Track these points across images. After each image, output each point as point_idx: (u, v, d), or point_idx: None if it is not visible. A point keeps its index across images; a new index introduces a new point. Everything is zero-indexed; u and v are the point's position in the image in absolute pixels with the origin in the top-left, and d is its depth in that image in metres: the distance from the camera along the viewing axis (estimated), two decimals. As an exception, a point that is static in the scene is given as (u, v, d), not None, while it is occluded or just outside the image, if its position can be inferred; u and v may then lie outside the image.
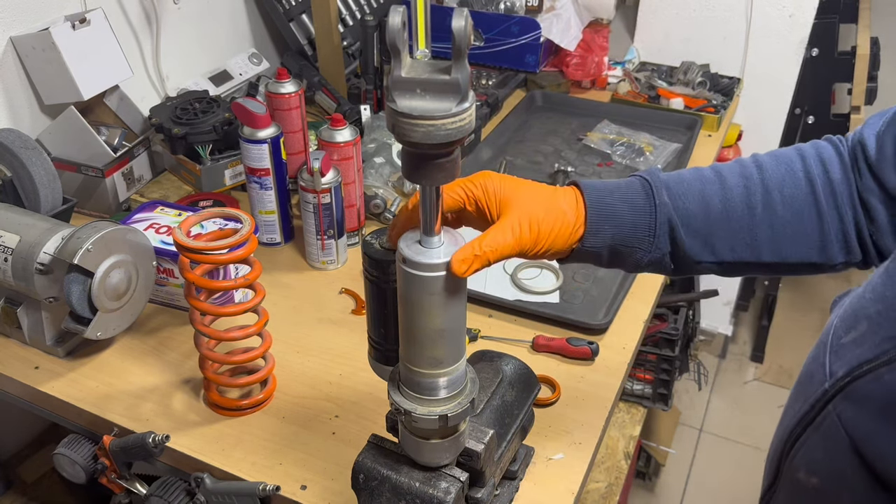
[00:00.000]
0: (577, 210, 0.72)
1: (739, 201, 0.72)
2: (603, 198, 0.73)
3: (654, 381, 1.87)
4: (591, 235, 0.72)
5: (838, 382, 0.52)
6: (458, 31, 0.53)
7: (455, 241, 0.63)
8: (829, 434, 0.53)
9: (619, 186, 0.74)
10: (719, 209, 0.72)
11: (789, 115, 2.07)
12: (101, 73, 1.36)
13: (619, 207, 0.73)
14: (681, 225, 0.72)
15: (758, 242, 0.72)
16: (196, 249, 0.88)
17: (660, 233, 0.72)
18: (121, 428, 0.97)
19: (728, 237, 0.72)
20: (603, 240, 0.72)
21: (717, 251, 0.73)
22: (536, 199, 0.70)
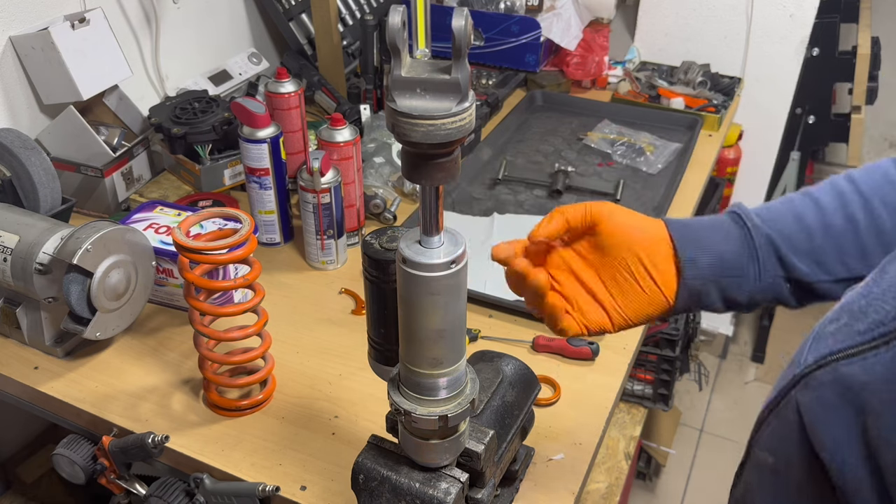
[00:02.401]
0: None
1: (837, 214, 0.69)
2: (687, 226, 0.72)
3: (655, 382, 1.86)
4: (689, 267, 0.70)
5: (806, 370, 0.54)
6: (458, 31, 0.53)
7: (455, 241, 0.63)
8: (786, 418, 0.54)
9: (701, 220, 0.73)
10: (817, 224, 0.70)
11: (790, 115, 2.07)
12: (100, 72, 1.36)
13: (706, 232, 0.71)
14: (783, 245, 0.69)
15: (868, 254, 0.68)
16: (195, 249, 0.88)
17: (763, 255, 0.70)
18: (120, 428, 0.97)
19: (835, 252, 0.69)
20: (702, 270, 0.70)
21: (830, 268, 0.69)
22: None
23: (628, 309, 0.71)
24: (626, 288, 0.71)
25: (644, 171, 1.59)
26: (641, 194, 1.52)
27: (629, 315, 0.71)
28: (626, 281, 0.71)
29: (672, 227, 0.71)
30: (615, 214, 0.71)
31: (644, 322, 0.72)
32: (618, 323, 0.72)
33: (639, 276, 0.70)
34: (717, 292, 0.70)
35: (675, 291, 0.70)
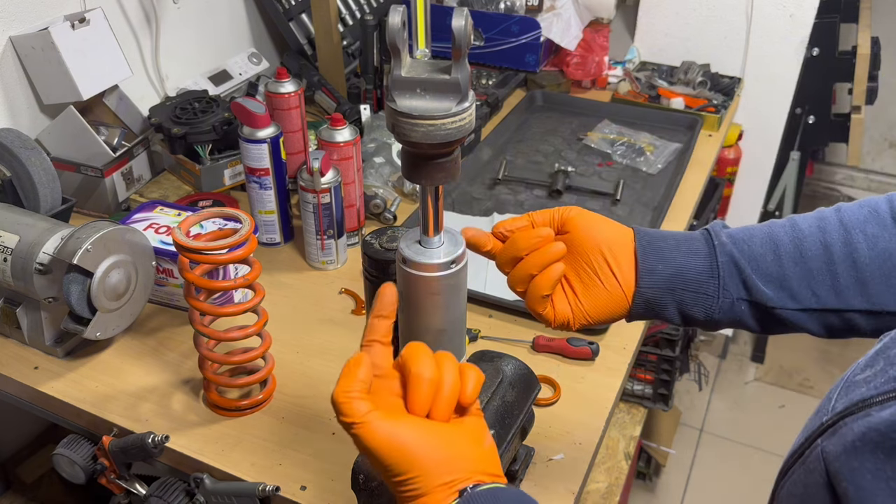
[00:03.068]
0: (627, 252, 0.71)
1: (813, 240, 0.67)
2: (654, 237, 0.71)
3: (655, 382, 1.86)
4: (646, 276, 0.69)
5: (834, 417, 0.51)
6: (458, 31, 0.53)
7: (455, 241, 0.63)
8: (811, 467, 0.52)
9: (674, 233, 0.73)
10: (790, 248, 0.68)
11: (790, 115, 2.06)
12: (100, 72, 1.36)
13: (672, 245, 0.70)
14: (748, 266, 0.68)
15: (840, 286, 0.66)
16: (195, 249, 0.88)
17: (724, 274, 0.68)
18: (120, 428, 0.97)
19: (806, 279, 0.67)
20: (658, 280, 0.69)
21: (798, 296, 0.67)
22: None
23: (590, 306, 0.71)
24: (589, 285, 0.71)
25: (644, 171, 1.59)
26: (641, 194, 1.52)
27: (590, 312, 0.71)
28: (590, 278, 0.71)
29: (638, 236, 0.71)
30: (585, 216, 0.72)
31: (604, 321, 0.72)
32: (578, 319, 0.71)
33: (602, 275, 0.70)
34: (674, 305, 0.70)
35: (633, 295, 0.70)
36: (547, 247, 0.69)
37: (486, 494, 0.54)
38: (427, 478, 0.53)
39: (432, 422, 0.55)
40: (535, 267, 0.69)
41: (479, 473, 0.55)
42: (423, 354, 0.56)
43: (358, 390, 0.53)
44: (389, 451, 0.53)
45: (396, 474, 0.53)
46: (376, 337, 0.59)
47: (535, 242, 0.69)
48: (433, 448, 0.54)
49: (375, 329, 0.59)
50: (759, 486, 2.23)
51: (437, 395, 0.55)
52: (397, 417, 0.54)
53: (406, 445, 0.53)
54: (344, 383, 0.54)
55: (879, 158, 3.34)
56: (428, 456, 0.53)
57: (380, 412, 0.53)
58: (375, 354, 0.58)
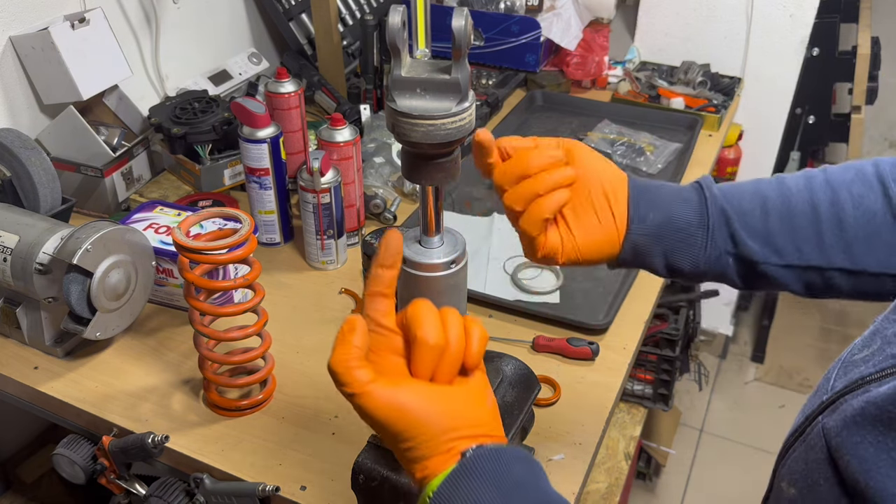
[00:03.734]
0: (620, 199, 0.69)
1: (800, 198, 0.68)
2: (647, 185, 0.71)
3: (655, 382, 1.86)
4: (637, 221, 0.69)
5: (834, 395, 0.53)
6: (458, 31, 0.53)
7: (455, 241, 0.63)
8: (811, 444, 0.53)
9: (666, 183, 0.72)
10: (777, 205, 0.68)
11: (790, 115, 2.07)
12: (100, 72, 1.36)
13: (664, 194, 0.70)
14: (737, 220, 0.68)
15: (825, 244, 0.67)
16: (195, 249, 0.88)
17: (714, 225, 0.68)
18: (120, 428, 0.97)
19: (791, 235, 0.68)
20: (649, 227, 0.68)
21: (782, 252, 0.68)
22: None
23: (582, 240, 0.69)
24: (584, 219, 0.69)
25: (644, 171, 1.59)
26: (641, 194, 1.51)
27: (581, 247, 0.69)
28: (586, 212, 0.69)
29: (631, 182, 0.71)
30: (588, 151, 0.70)
31: (593, 260, 0.70)
32: (568, 252, 0.69)
33: (599, 210, 0.69)
34: (661, 254, 0.70)
35: (623, 239, 0.69)
36: (558, 168, 0.67)
37: (487, 455, 0.53)
38: (429, 441, 0.53)
39: (434, 385, 0.54)
40: (542, 187, 0.66)
41: (480, 435, 0.55)
42: (427, 315, 0.54)
43: (356, 357, 0.52)
44: (392, 418, 0.52)
45: (400, 440, 0.53)
46: (380, 288, 0.56)
47: (547, 162, 0.67)
48: (435, 412, 0.53)
49: (379, 280, 0.56)
50: (759, 486, 2.22)
51: (442, 360, 0.54)
52: (398, 383, 0.53)
53: (408, 410, 0.52)
54: (340, 351, 0.53)
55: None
56: (429, 420, 0.53)
57: (381, 380, 0.52)
58: (378, 308, 0.56)
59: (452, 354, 0.54)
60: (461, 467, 0.53)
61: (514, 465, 0.54)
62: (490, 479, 0.52)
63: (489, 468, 0.53)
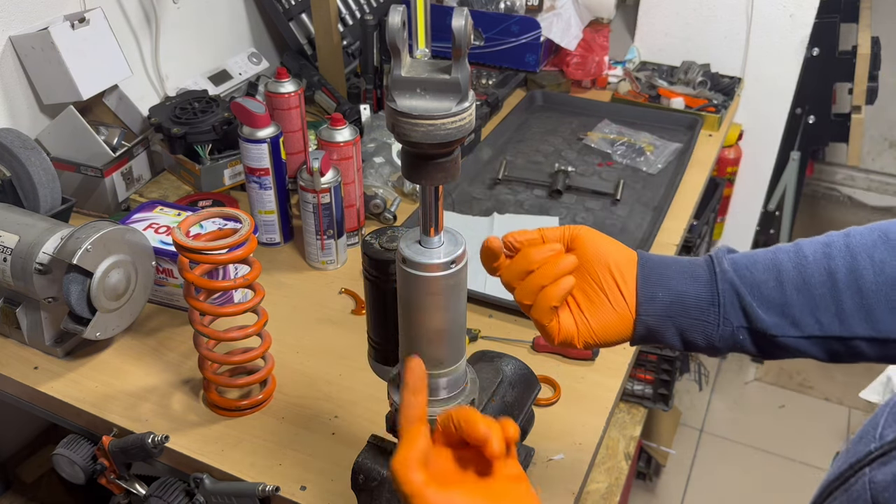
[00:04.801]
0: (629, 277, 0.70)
1: (817, 266, 0.66)
2: (656, 263, 0.71)
3: (655, 382, 1.86)
4: (646, 302, 0.69)
5: (884, 446, 0.50)
6: (458, 31, 0.53)
7: (455, 241, 0.63)
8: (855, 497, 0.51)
9: (678, 259, 0.72)
10: (793, 275, 0.66)
11: (790, 115, 2.06)
12: (100, 72, 1.36)
13: (673, 271, 0.70)
14: (749, 294, 0.67)
15: (845, 314, 0.65)
16: (195, 249, 0.88)
17: (725, 302, 0.68)
18: (120, 428, 0.97)
19: (808, 306, 0.66)
20: (659, 308, 0.69)
21: (800, 324, 0.66)
22: None
23: (596, 324, 0.70)
24: (596, 303, 0.70)
25: (644, 171, 1.59)
26: (641, 194, 1.52)
27: (596, 330, 0.70)
28: (598, 296, 0.70)
29: (641, 261, 0.71)
30: (594, 234, 0.71)
31: (609, 342, 0.71)
32: (584, 336, 0.70)
33: (610, 293, 0.69)
34: (675, 332, 0.70)
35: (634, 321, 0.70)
36: (559, 258, 0.69)
37: None
38: None
39: (484, 484, 0.56)
40: (546, 278, 0.68)
41: None
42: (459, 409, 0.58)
43: (416, 459, 0.55)
44: None
45: None
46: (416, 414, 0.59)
47: (548, 255, 0.69)
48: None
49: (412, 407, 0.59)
50: (758, 486, 2.23)
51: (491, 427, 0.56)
52: (450, 485, 0.55)
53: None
54: (404, 451, 0.56)
55: (879, 158, 3.34)
56: None
57: (435, 484, 0.55)
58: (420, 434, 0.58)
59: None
60: None
61: None
62: None
63: None
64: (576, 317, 0.71)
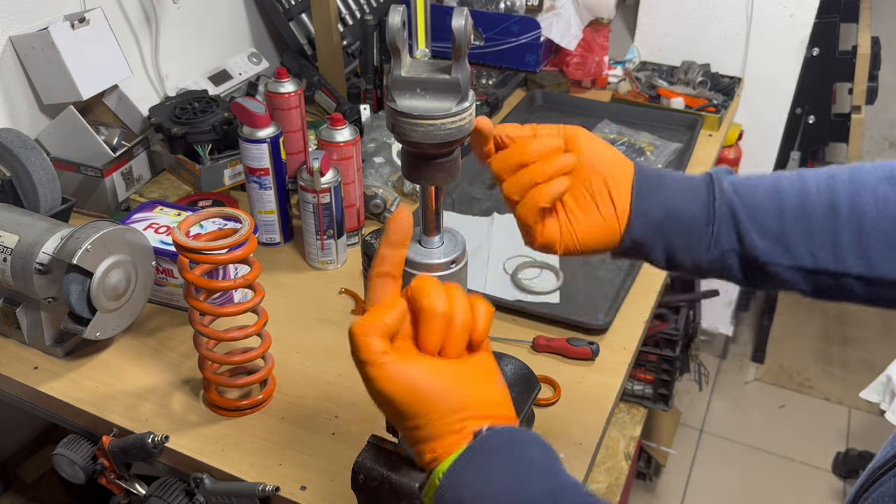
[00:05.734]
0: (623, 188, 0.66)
1: (820, 197, 0.63)
2: (654, 175, 0.67)
3: (655, 382, 1.86)
4: (638, 216, 0.66)
5: None
6: (458, 31, 0.53)
7: (455, 241, 0.63)
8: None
9: (675, 174, 0.69)
10: (794, 203, 0.64)
11: (790, 115, 2.07)
12: (100, 72, 1.36)
13: (670, 185, 0.66)
14: (747, 218, 0.64)
15: (842, 248, 0.62)
16: (195, 249, 0.88)
17: (720, 223, 0.65)
18: (120, 428, 0.97)
19: (805, 237, 0.63)
20: (650, 222, 0.66)
21: (794, 253, 0.64)
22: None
23: (581, 231, 0.67)
24: (584, 209, 0.66)
25: (644, 171, 1.59)
26: (641, 194, 1.51)
27: (580, 237, 0.67)
28: (587, 203, 0.66)
29: (638, 173, 0.68)
30: (591, 138, 0.68)
31: (591, 250, 0.68)
32: (566, 242, 0.67)
33: (600, 201, 0.66)
34: (662, 248, 0.67)
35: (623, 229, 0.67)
36: (557, 156, 0.65)
37: (499, 437, 0.51)
38: (439, 420, 0.51)
39: (443, 360, 0.53)
40: (540, 175, 0.64)
41: (493, 416, 0.53)
42: (433, 287, 0.53)
43: (378, 329, 0.51)
44: (400, 394, 0.51)
45: (407, 417, 0.51)
46: (387, 269, 0.55)
47: (546, 150, 0.65)
48: (444, 389, 0.51)
49: (386, 260, 0.55)
50: (758, 486, 2.23)
51: (450, 330, 0.52)
52: (408, 359, 0.52)
53: (417, 386, 0.51)
54: (367, 319, 0.51)
55: (879, 158, 3.34)
56: (438, 397, 0.51)
57: (393, 354, 0.51)
58: (385, 291, 0.55)
59: (459, 324, 0.53)
60: (474, 448, 0.51)
61: (529, 446, 0.53)
62: (504, 460, 0.51)
63: (504, 449, 0.51)
64: (561, 222, 0.67)
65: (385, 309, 0.52)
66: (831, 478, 2.25)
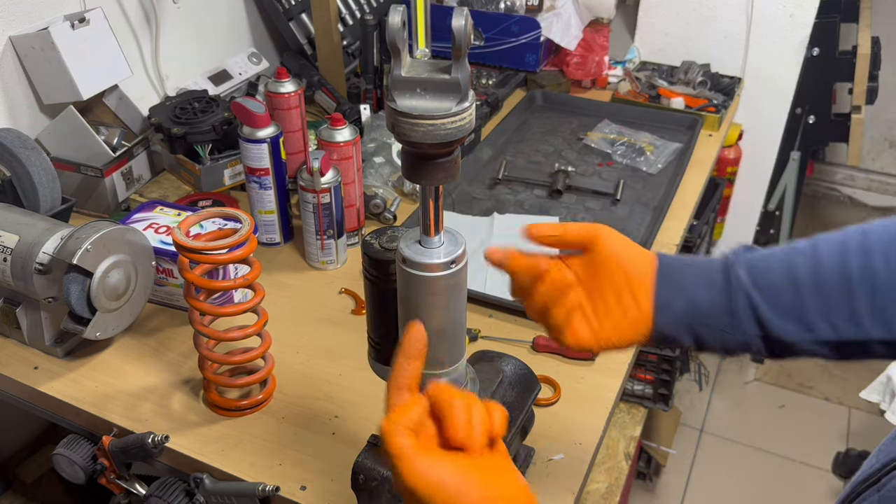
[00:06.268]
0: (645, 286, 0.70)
1: (832, 267, 0.65)
2: (673, 267, 0.70)
3: (655, 382, 1.86)
4: (662, 309, 0.69)
5: None
6: (458, 31, 0.53)
7: (455, 241, 0.63)
8: (887, 497, 0.51)
9: (695, 262, 0.71)
10: (808, 279, 0.65)
11: (790, 115, 2.06)
12: (100, 72, 1.36)
13: (689, 276, 0.69)
14: (765, 303, 0.66)
15: (860, 316, 0.63)
16: (195, 249, 0.88)
17: (740, 312, 0.67)
18: (120, 428, 0.97)
19: (823, 311, 0.64)
20: (674, 315, 0.69)
21: (815, 328, 0.65)
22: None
23: (610, 329, 0.70)
24: (609, 307, 0.70)
25: (644, 171, 1.59)
26: (641, 194, 1.52)
27: (611, 337, 0.70)
28: (611, 299, 0.70)
29: (660, 266, 0.70)
30: (613, 237, 0.71)
31: (622, 346, 0.71)
32: (599, 343, 0.71)
33: (620, 295, 0.70)
34: (691, 337, 0.69)
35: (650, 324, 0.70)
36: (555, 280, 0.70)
37: None
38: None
39: (467, 458, 0.54)
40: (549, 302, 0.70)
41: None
42: (449, 388, 0.56)
43: (406, 426, 0.54)
44: (428, 489, 0.52)
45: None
46: (405, 381, 0.58)
47: (537, 273, 0.70)
48: (470, 485, 0.53)
49: (404, 373, 0.58)
50: (758, 486, 2.23)
51: (473, 422, 0.55)
52: (435, 455, 0.54)
53: (443, 482, 0.52)
54: (395, 417, 0.54)
55: (879, 158, 3.34)
56: (464, 492, 0.53)
57: (421, 450, 0.53)
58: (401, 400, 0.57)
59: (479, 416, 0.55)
60: None
61: None
62: None
63: None
64: (591, 323, 0.71)
65: (409, 407, 0.55)
66: (831, 478, 2.25)
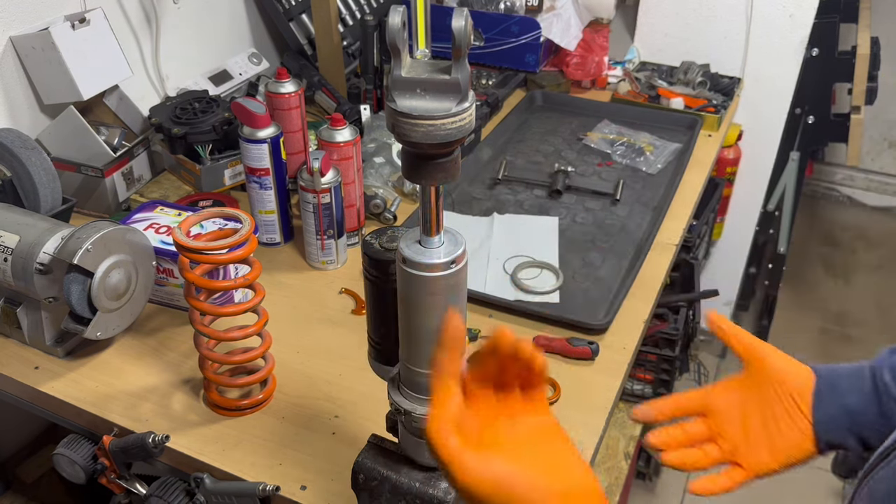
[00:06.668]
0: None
1: None
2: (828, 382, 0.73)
3: (655, 381, 1.86)
4: (823, 422, 0.71)
5: None
6: (458, 31, 0.53)
7: (455, 241, 0.63)
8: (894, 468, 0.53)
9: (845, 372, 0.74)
10: None
11: (789, 115, 2.06)
12: (100, 72, 1.36)
13: (843, 389, 0.72)
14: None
15: None
16: (196, 249, 0.88)
17: (892, 413, 0.70)
18: (120, 428, 0.97)
19: None
20: (836, 425, 0.71)
21: None
22: None
23: (778, 450, 0.72)
24: (772, 427, 0.72)
25: (644, 171, 1.59)
26: (641, 194, 1.52)
27: (778, 457, 0.72)
28: (775, 420, 0.72)
29: (816, 381, 0.72)
30: (771, 351, 0.74)
31: (793, 465, 0.73)
32: (771, 467, 0.73)
33: (786, 416, 0.72)
34: (855, 442, 0.72)
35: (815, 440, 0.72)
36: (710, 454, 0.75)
37: None
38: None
39: (518, 443, 0.54)
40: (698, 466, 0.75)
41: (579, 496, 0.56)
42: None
43: (450, 423, 0.52)
44: (487, 490, 0.51)
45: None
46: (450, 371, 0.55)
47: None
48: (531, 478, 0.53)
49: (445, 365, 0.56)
50: (758, 486, 2.22)
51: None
52: (487, 449, 0.53)
53: (501, 481, 0.52)
54: (437, 416, 0.53)
55: (879, 158, 3.34)
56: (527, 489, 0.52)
57: (471, 447, 0.52)
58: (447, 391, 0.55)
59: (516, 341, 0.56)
60: None
61: None
62: None
63: None
64: (756, 448, 0.73)
65: (445, 400, 0.53)
66: (831, 478, 2.25)
